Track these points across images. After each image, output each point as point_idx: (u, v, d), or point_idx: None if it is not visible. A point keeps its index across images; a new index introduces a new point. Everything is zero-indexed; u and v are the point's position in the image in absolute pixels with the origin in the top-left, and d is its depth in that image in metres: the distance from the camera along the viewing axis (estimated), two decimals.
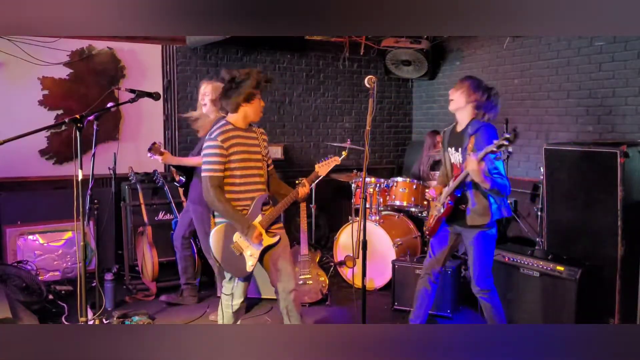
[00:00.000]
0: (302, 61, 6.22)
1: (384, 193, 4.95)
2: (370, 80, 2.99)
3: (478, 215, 3.18)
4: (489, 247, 3.24)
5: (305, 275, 4.38)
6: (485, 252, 3.25)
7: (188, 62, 5.60)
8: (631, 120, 4.34)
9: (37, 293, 4.03)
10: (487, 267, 3.27)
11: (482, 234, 3.20)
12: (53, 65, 4.95)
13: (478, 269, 3.25)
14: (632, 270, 3.49)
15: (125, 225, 4.92)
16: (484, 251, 3.24)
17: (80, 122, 2.64)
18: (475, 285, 3.30)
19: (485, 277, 3.27)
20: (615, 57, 4.45)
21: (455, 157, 3.30)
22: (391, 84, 6.77)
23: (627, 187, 3.62)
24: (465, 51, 6.01)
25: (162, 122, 5.49)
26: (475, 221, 3.19)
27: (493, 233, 3.23)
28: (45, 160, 5.01)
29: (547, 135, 5.06)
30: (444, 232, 3.41)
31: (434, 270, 3.47)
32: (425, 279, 3.50)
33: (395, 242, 4.59)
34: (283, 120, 6.18)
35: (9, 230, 4.64)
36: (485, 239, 3.21)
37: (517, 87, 5.37)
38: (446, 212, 3.27)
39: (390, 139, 6.88)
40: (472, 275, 3.30)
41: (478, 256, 3.24)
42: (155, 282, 4.51)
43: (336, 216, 6.15)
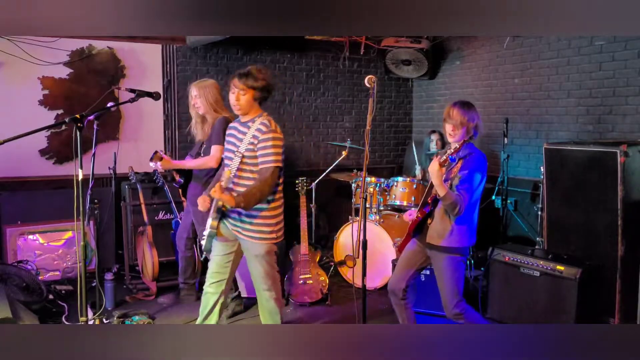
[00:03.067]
0: (302, 61, 6.22)
1: (384, 193, 4.95)
2: (370, 80, 2.98)
3: (437, 234, 3.06)
4: (455, 273, 3.08)
5: (305, 275, 4.38)
6: (452, 277, 3.08)
7: (188, 62, 5.60)
8: (631, 119, 4.34)
9: (37, 293, 4.03)
10: (456, 292, 3.09)
11: (448, 257, 3.06)
12: (53, 65, 4.95)
13: (447, 294, 3.09)
14: (632, 270, 3.49)
15: (126, 225, 4.92)
16: (450, 276, 3.08)
17: (80, 122, 2.64)
18: (448, 312, 3.12)
19: (457, 302, 3.08)
20: (615, 57, 4.45)
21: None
22: (391, 84, 6.77)
23: (627, 187, 3.62)
24: (465, 51, 6.01)
25: (162, 122, 5.49)
26: (433, 240, 3.07)
27: (461, 258, 3.08)
28: (45, 160, 5.01)
29: (547, 134, 5.06)
30: (411, 249, 3.27)
31: (399, 289, 3.27)
32: (393, 300, 3.32)
33: (395, 242, 4.59)
34: (283, 120, 6.17)
35: (9, 230, 4.64)
36: (450, 263, 3.06)
37: (517, 86, 5.37)
38: (412, 226, 3.18)
39: (390, 138, 6.88)
40: (443, 302, 3.12)
41: (444, 281, 3.09)
42: (155, 281, 4.51)
43: (336, 216, 6.15)
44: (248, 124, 3.08)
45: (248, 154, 3.02)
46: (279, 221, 3.17)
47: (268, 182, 2.96)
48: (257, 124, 3.04)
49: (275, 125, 3.08)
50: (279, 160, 3.01)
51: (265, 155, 2.99)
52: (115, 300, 4.27)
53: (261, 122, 3.03)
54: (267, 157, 2.98)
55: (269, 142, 2.98)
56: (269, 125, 3.03)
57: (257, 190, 2.94)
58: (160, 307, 4.27)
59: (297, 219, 4.63)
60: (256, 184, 2.97)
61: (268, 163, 2.98)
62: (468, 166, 2.96)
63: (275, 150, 2.99)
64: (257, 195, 2.94)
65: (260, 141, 2.98)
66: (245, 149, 3.02)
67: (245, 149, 3.02)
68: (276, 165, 2.99)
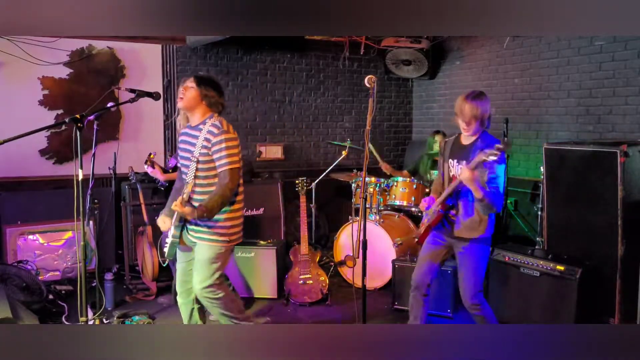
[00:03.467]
0: (302, 61, 6.22)
1: (384, 193, 4.95)
2: (370, 80, 2.97)
3: (466, 229, 3.09)
4: (481, 262, 3.12)
5: (305, 275, 4.38)
6: (477, 267, 3.12)
7: (188, 62, 5.60)
8: (631, 119, 4.34)
9: (37, 293, 4.03)
10: (478, 282, 3.12)
11: (475, 247, 3.09)
12: (53, 65, 4.95)
13: (469, 284, 3.11)
14: (632, 270, 3.48)
15: (126, 225, 4.92)
16: (476, 265, 3.11)
17: (80, 122, 2.63)
18: (466, 301, 3.15)
19: (477, 292, 3.12)
20: (615, 57, 4.44)
21: (458, 169, 3.17)
22: (391, 84, 6.77)
23: (627, 187, 3.62)
24: (465, 51, 6.01)
25: (162, 122, 5.49)
26: (463, 234, 3.10)
27: (487, 247, 3.13)
28: (45, 160, 5.01)
29: (547, 134, 5.06)
30: (434, 244, 3.29)
31: (423, 284, 3.30)
32: (415, 295, 3.35)
33: (395, 242, 4.58)
34: (283, 120, 6.17)
35: (9, 230, 4.64)
36: (477, 251, 3.10)
37: (517, 86, 5.37)
38: (436, 221, 3.19)
39: (390, 138, 6.88)
40: (463, 290, 3.15)
41: (469, 270, 3.11)
42: (155, 281, 4.51)
43: (336, 216, 6.15)
44: (199, 126, 2.98)
45: (203, 159, 2.93)
46: (235, 225, 3.05)
47: (228, 185, 2.88)
48: (207, 126, 2.94)
49: (227, 126, 2.97)
50: (235, 161, 2.92)
51: (220, 159, 2.91)
52: (115, 300, 4.27)
53: (212, 124, 2.94)
54: (223, 160, 2.91)
55: (222, 145, 2.89)
56: (221, 126, 2.93)
57: (218, 196, 2.86)
58: (160, 307, 4.27)
59: (297, 219, 4.63)
60: (217, 190, 2.89)
61: (224, 166, 2.91)
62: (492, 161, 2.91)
63: (229, 152, 2.90)
64: (219, 201, 2.86)
65: (213, 144, 2.90)
66: (200, 154, 2.92)
67: (200, 153, 2.92)
68: (232, 167, 2.91)
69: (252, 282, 4.48)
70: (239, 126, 5.92)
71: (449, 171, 3.24)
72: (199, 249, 3.02)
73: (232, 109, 5.88)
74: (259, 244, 4.55)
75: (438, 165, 3.45)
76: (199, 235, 3.00)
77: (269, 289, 4.47)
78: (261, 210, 5.34)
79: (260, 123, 6.07)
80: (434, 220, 3.21)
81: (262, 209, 5.35)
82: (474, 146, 3.08)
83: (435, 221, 3.21)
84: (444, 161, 3.29)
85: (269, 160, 6.12)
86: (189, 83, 2.99)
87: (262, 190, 5.40)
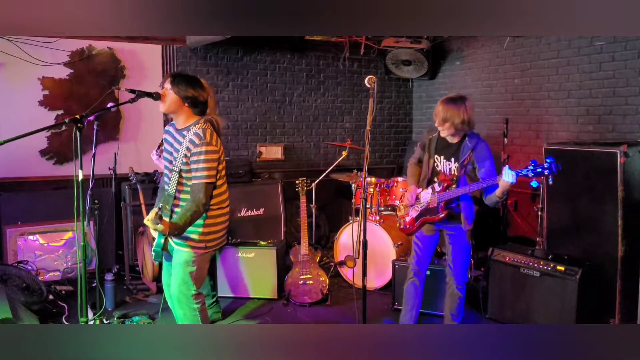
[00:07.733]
0: (302, 61, 6.22)
1: (384, 193, 4.95)
2: (370, 80, 2.99)
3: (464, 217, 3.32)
4: (468, 245, 3.42)
5: (305, 275, 4.38)
6: (467, 249, 3.42)
7: (188, 62, 5.60)
8: (631, 120, 4.34)
9: (37, 293, 4.03)
10: (468, 262, 3.47)
11: (467, 235, 3.36)
12: (53, 66, 4.95)
13: (463, 266, 3.41)
14: (633, 270, 3.49)
15: (126, 226, 4.92)
16: (466, 247, 3.40)
17: (80, 122, 2.63)
18: (454, 280, 3.42)
19: (466, 271, 3.45)
20: (615, 57, 4.44)
21: (446, 166, 3.33)
22: (391, 84, 6.77)
23: (627, 187, 3.62)
24: (465, 51, 6.01)
25: (162, 122, 5.49)
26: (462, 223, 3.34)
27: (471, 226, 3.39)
28: (45, 160, 5.01)
29: (547, 135, 5.06)
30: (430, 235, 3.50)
31: (424, 268, 3.57)
32: (414, 281, 3.56)
33: (396, 242, 4.59)
34: (283, 120, 6.18)
35: (9, 230, 4.64)
36: (466, 235, 3.37)
37: (517, 87, 5.37)
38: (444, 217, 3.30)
39: (391, 138, 6.88)
40: (454, 271, 3.42)
41: (462, 252, 3.39)
42: (155, 282, 4.51)
43: (336, 216, 6.15)
44: (183, 132, 2.91)
45: (185, 168, 2.86)
46: (213, 231, 2.97)
47: (201, 201, 2.80)
48: (190, 134, 2.84)
49: (210, 136, 2.83)
50: (211, 175, 2.83)
51: (197, 170, 2.82)
52: (116, 300, 4.27)
53: (194, 133, 2.83)
54: (199, 173, 2.82)
55: (201, 157, 2.79)
56: (202, 136, 2.80)
57: (190, 213, 2.79)
58: (161, 307, 4.25)
59: (297, 219, 4.63)
60: (188, 206, 2.81)
61: (199, 179, 2.82)
62: (485, 156, 3.20)
63: (207, 165, 2.80)
64: (190, 219, 2.79)
65: (192, 154, 2.81)
66: (182, 163, 2.85)
67: (181, 162, 2.85)
68: (208, 182, 2.82)
69: (252, 283, 4.48)
70: (239, 126, 5.92)
71: (434, 167, 3.40)
72: (176, 253, 3.01)
73: (232, 109, 5.88)
74: (259, 244, 4.55)
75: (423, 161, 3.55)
76: (176, 240, 2.98)
77: (269, 289, 4.47)
78: (261, 210, 5.35)
79: (260, 123, 6.07)
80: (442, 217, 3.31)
81: (262, 209, 5.35)
82: (462, 146, 3.25)
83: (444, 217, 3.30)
84: (429, 157, 3.42)
85: (269, 161, 6.12)
86: (167, 84, 2.91)
87: (262, 191, 5.41)
